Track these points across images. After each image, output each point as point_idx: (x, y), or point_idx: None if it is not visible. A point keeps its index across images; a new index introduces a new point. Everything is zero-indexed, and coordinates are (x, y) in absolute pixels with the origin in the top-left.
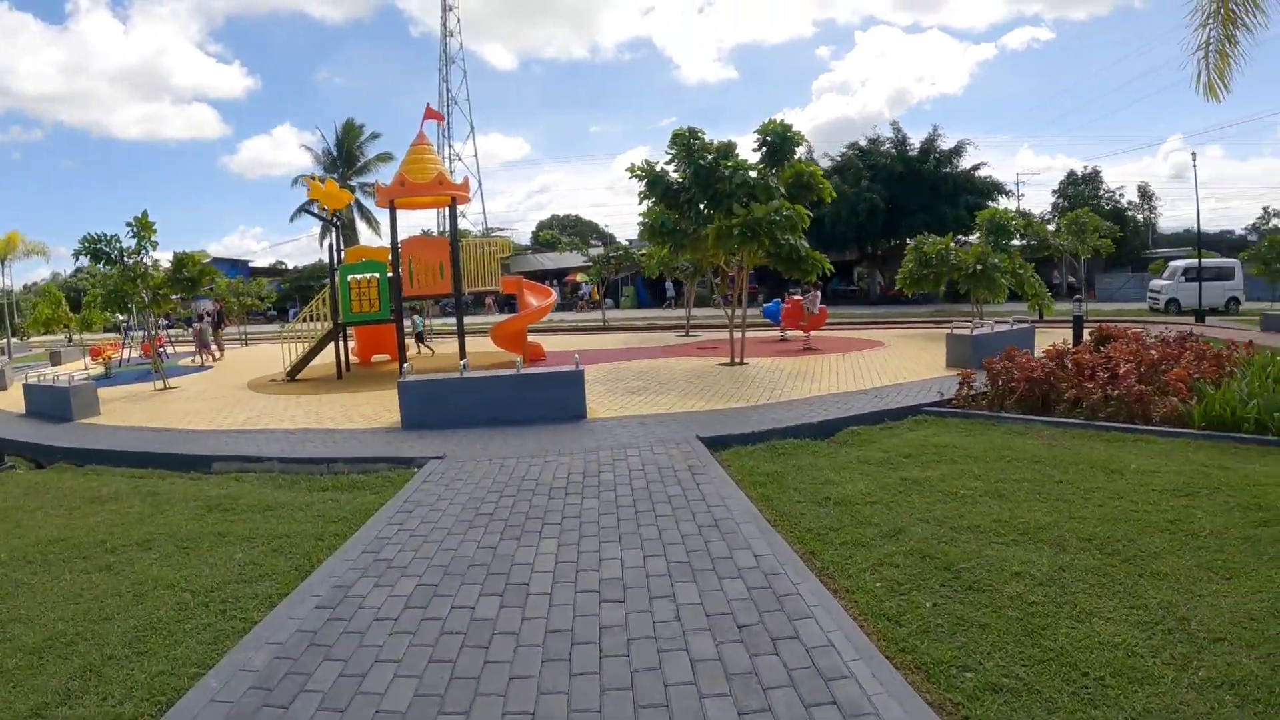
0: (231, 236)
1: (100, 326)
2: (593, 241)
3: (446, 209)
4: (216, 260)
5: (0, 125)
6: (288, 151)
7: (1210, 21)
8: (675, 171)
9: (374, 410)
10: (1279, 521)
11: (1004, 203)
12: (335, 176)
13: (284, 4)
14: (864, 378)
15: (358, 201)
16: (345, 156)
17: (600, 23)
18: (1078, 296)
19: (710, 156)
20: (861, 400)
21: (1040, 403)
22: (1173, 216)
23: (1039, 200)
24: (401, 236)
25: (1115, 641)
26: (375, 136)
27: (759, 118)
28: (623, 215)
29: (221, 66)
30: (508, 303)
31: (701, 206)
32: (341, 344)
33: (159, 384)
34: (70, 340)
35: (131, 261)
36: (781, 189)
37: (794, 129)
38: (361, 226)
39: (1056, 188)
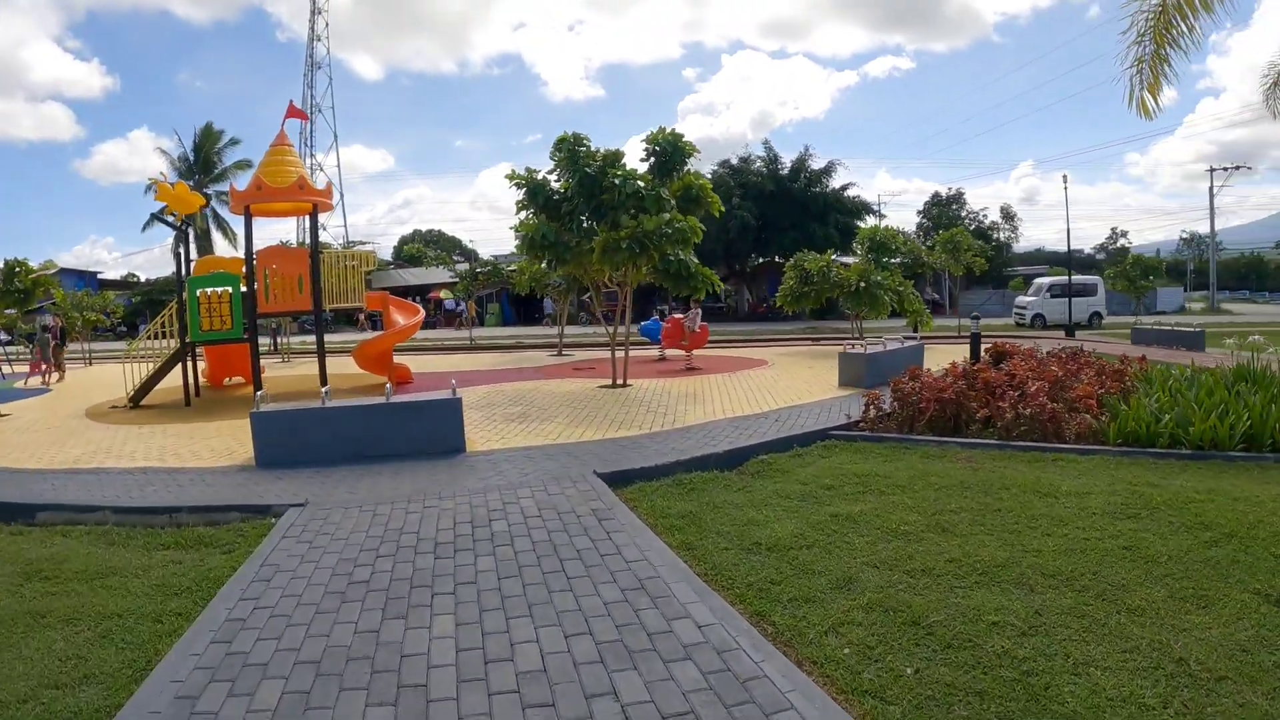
0: (82, 246)
1: None
2: (456, 257)
3: (307, 217)
4: (64, 271)
5: None
6: (144, 157)
7: (1144, 39)
8: (557, 180)
9: (225, 444)
10: (1228, 540)
11: (870, 221)
12: (191, 184)
13: (148, 2)
14: (757, 400)
15: (214, 210)
16: (202, 163)
17: (471, 38)
18: (976, 314)
19: (596, 164)
20: (764, 425)
21: (951, 424)
22: (1025, 237)
23: (901, 219)
24: (258, 247)
25: (1123, 695)
26: (235, 143)
27: (624, 136)
28: (487, 231)
29: (80, 63)
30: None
31: (584, 218)
32: (190, 365)
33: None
34: None
35: None
36: (672, 201)
37: (685, 139)
38: (218, 238)
39: (921, 208)
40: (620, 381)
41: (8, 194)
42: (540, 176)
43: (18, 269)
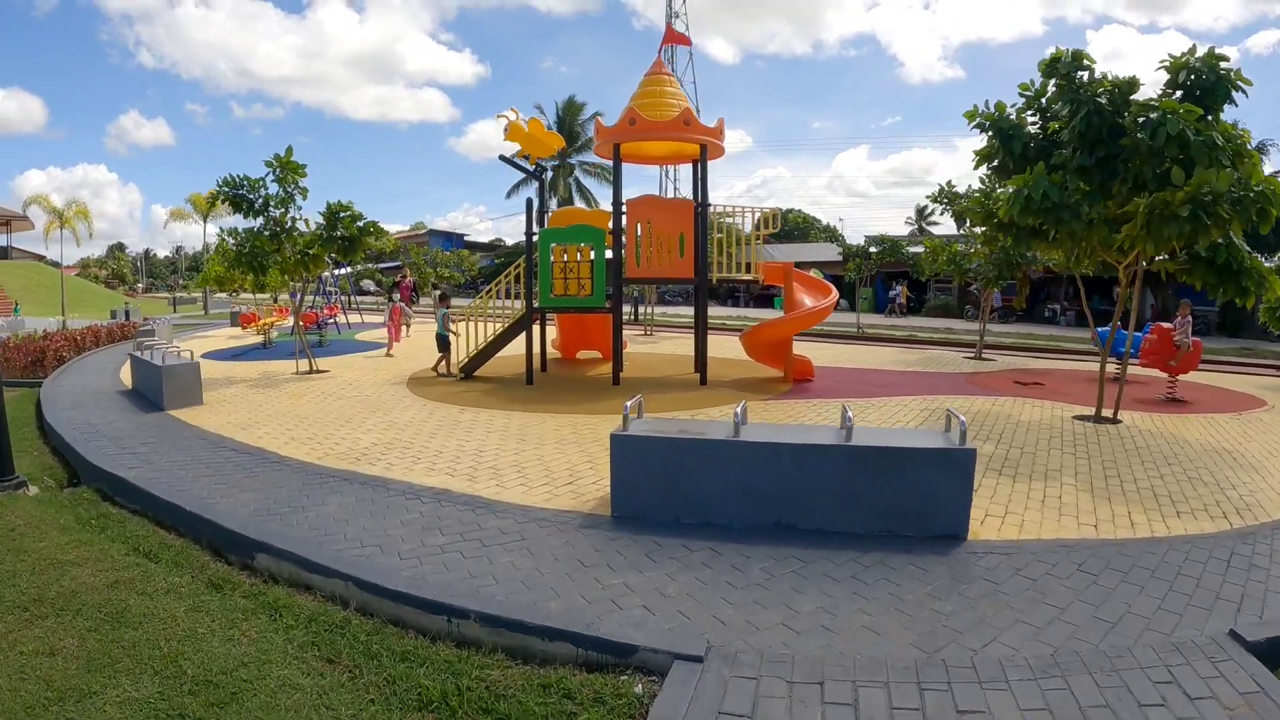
0: (455, 213)
1: (275, 290)
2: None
3: (693, 165)
4: (434, 233)
5: (244, 103)
6: None
7: None
8: (1036, 120)
9: (566, 458)
10: None
11: None
12: (556, 152)
13: None
14: None
15: (577, 180)
16: (566, 134)
17: (824, 19)
18: None
19: (1104, 95)
20: None
21: None
22: None
23: None
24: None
25: None
26: (598, 114)
27: None
28: (843, 213)
29: (453, 54)
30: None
31: (1088, 173)
32: (537, 334)
33: (304, 364)
34: (236, 300)
35: (277, 213)
36: (1229, 151)
37: (1231, 66)
38: (580, 206)
39: None
40: (1110, 414)
41: (392, 167)
42: (1012, 114)
43: (342, 213)
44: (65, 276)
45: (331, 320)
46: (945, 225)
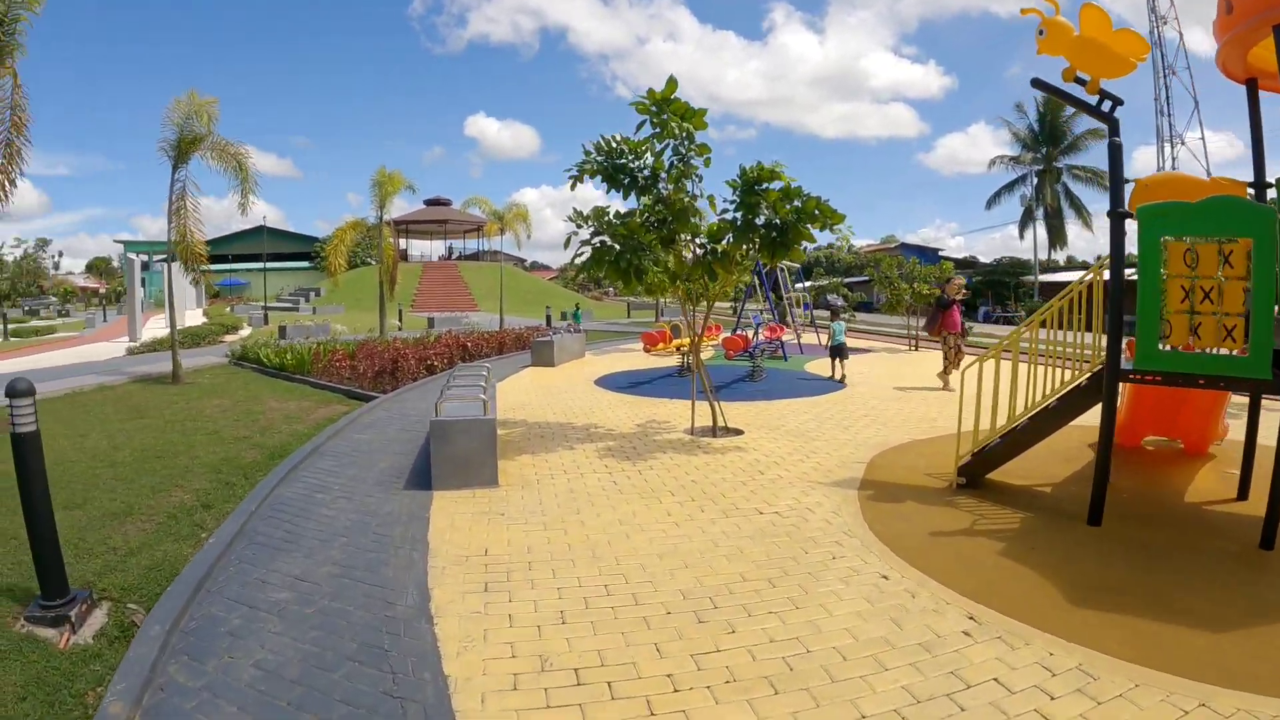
0: (927, 229)
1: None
2: None
3: None
4: (905, 246)
5: (716, 125)
6: (982, 148)
7: None
8: None
9: None
10: None
11: None
12: (1038, 156)
13: (972, 4)
14: None
15: (1065, 187)
16: (1048, 134)
17: None
18: None
19: None
20: None
21: None
22: None
23: None
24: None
25: None
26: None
27: None
28: None
29: (916, 67)
30: None
31: None
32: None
33: (704, 409)
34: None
35: (668, 189)
36: None
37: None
38: (1072, 226)
39: None
40: None
41: (862, 183)
42: None
43: (765, 181)
44: (536, 279)
45: (774, 344)
46: None
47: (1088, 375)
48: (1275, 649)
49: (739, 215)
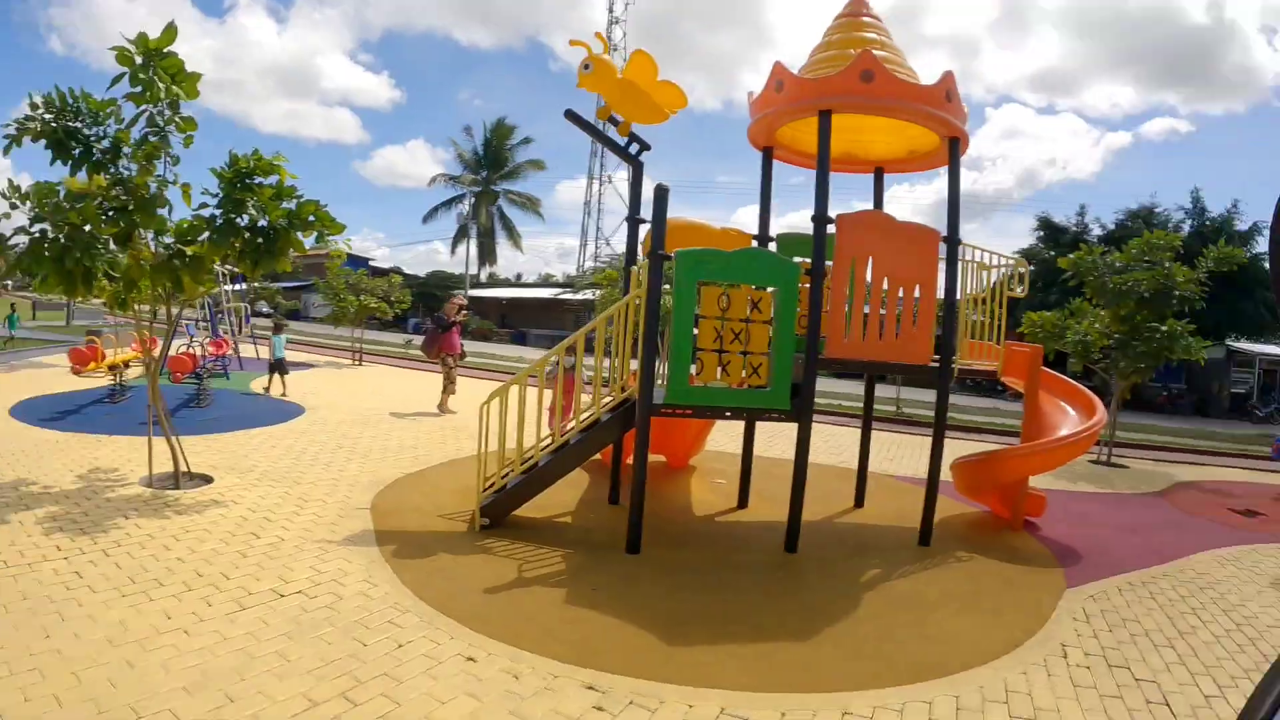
0: (356, 237)
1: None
2: None
3: (943, 170)
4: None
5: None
6: (420, 164)
7: None
8: None
9: None
10: None
11: None
12: (480, 176)
13: (437, 24)
14: None
15: (499, 210)
16: (491, 159)
17: (741, 78)
18: None
19: None
20: None
21: None
22: None
23: None
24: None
25: None
26: (527, 141)
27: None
28: None
29: (370, 75)
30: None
31: None
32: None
33: (163, 449)
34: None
35: (132, 169)
36: None
37: None
38: (503, 245)
39: None
40: None
41: (298, 183)
42: None
43: (257, 175)
44: None
45: (217, 360)
46: None
47: (609, 410)
48: (855, 645)
49: (220, 212)
